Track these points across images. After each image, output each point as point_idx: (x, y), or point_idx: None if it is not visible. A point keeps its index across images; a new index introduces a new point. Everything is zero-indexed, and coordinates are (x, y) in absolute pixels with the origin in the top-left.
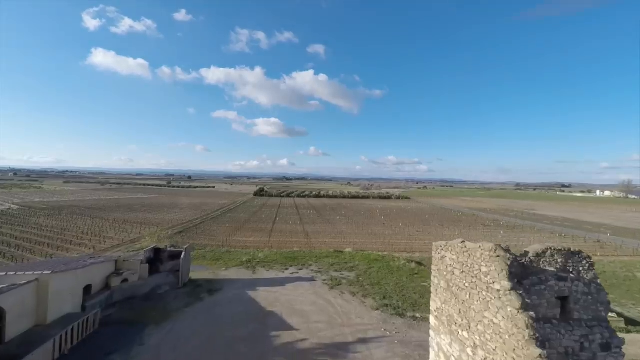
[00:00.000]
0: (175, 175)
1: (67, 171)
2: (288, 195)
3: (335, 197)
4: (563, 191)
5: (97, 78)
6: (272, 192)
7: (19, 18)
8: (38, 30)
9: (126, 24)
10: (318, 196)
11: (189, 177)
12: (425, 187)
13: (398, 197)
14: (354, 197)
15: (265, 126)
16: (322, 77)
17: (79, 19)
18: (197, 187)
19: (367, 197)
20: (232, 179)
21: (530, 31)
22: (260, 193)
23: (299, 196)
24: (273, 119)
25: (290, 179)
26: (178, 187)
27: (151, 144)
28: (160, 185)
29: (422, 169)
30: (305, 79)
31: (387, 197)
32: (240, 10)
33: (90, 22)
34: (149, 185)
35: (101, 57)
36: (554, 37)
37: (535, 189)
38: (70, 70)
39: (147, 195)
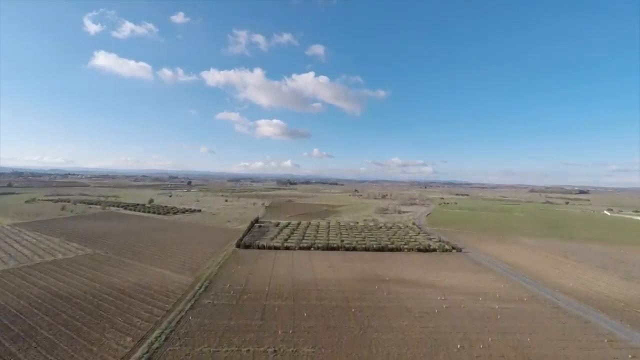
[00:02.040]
0: (178, 178)
1: (69, 174)
2: (286, 247)
3: (355, 250)
4: (611, 209)
5: (100, 80)
6: (266, 228)
7: (20, 22)
8: (39, 35)
9: (127, 27)
10: (328, 248)
11: (189, 182)
12: (442, 199)
13: (445, 249)
14: (380, 249)
15: (268, 127)
16: (323, 78)
17: (80, 24)
18: (177, 212)
19: (399, 250)
20: (235, 181)
21: (533, 26)
22: (246, 243)
23: (301, 248)
24: (275, 121)
25: (295, 183)
26: (156, 213)
27: (156, 145)
28: (139, 209)
29: (427, 170)
30: (305, 81)
31: (430, 250)
32: (237, 12)
33: (91, 27)
34: (122, 207)
35: (103, 60)
36: (555, 35)
37: (567, 202)
38: (74, 72)
39: (78, 250)
